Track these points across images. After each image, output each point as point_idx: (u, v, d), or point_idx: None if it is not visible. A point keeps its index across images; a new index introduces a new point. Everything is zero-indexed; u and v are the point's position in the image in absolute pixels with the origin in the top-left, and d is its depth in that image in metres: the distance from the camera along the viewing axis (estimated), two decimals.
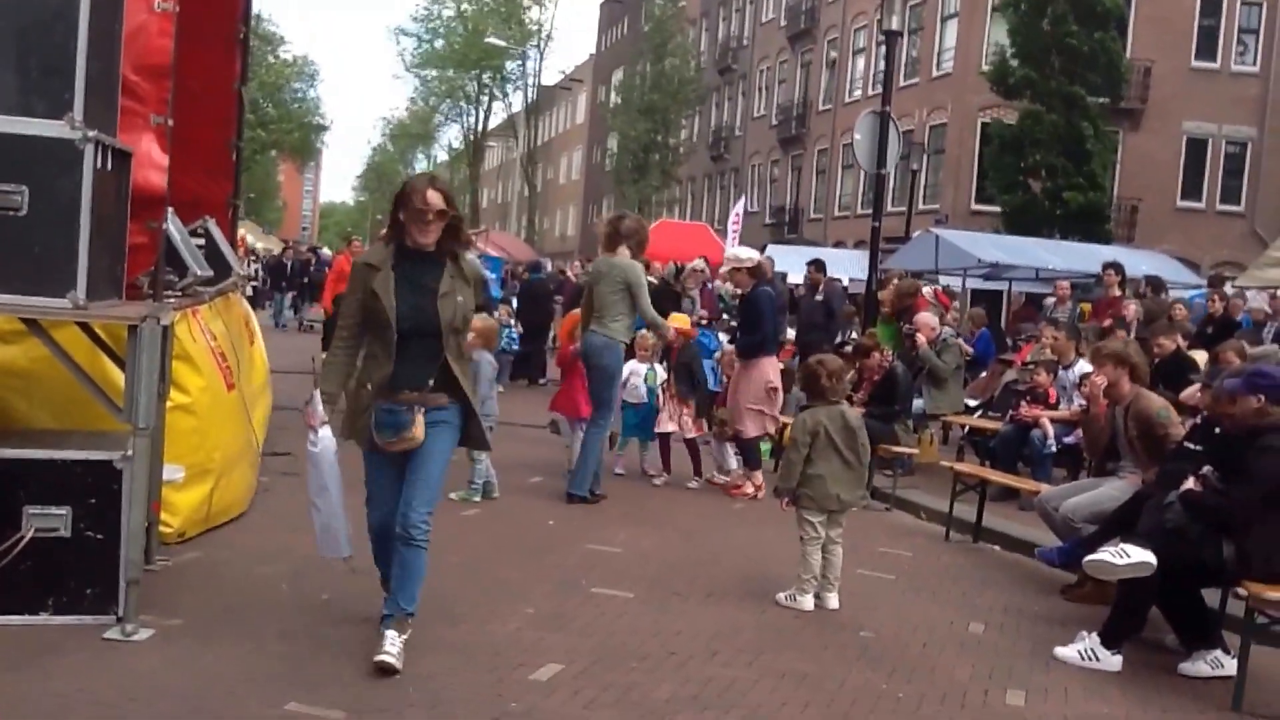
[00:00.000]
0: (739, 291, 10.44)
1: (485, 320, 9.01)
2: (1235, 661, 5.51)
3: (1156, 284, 14.56)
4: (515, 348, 17.02)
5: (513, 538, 7.48)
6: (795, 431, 6.66)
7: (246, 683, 4.50)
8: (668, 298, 14.10)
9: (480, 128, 67.98)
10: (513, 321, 16.81)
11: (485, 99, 65.88)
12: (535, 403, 14.64)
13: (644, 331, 9.70)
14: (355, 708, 4.35)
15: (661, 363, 10.50)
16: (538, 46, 59.69)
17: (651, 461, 10.27)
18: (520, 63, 60.45)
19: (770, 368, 9.87)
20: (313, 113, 59.78)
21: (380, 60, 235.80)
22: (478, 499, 8.45)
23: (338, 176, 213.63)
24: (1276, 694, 5.49)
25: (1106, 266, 14.23)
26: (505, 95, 65.52)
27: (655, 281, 14.31)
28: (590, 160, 67.65)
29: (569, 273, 18.66)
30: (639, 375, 9.96)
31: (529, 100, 61.92)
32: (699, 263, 15.82)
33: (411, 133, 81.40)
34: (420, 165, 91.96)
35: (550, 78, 69.48)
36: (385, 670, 4.65)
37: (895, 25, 13.26)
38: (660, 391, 10.12)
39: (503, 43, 55.62)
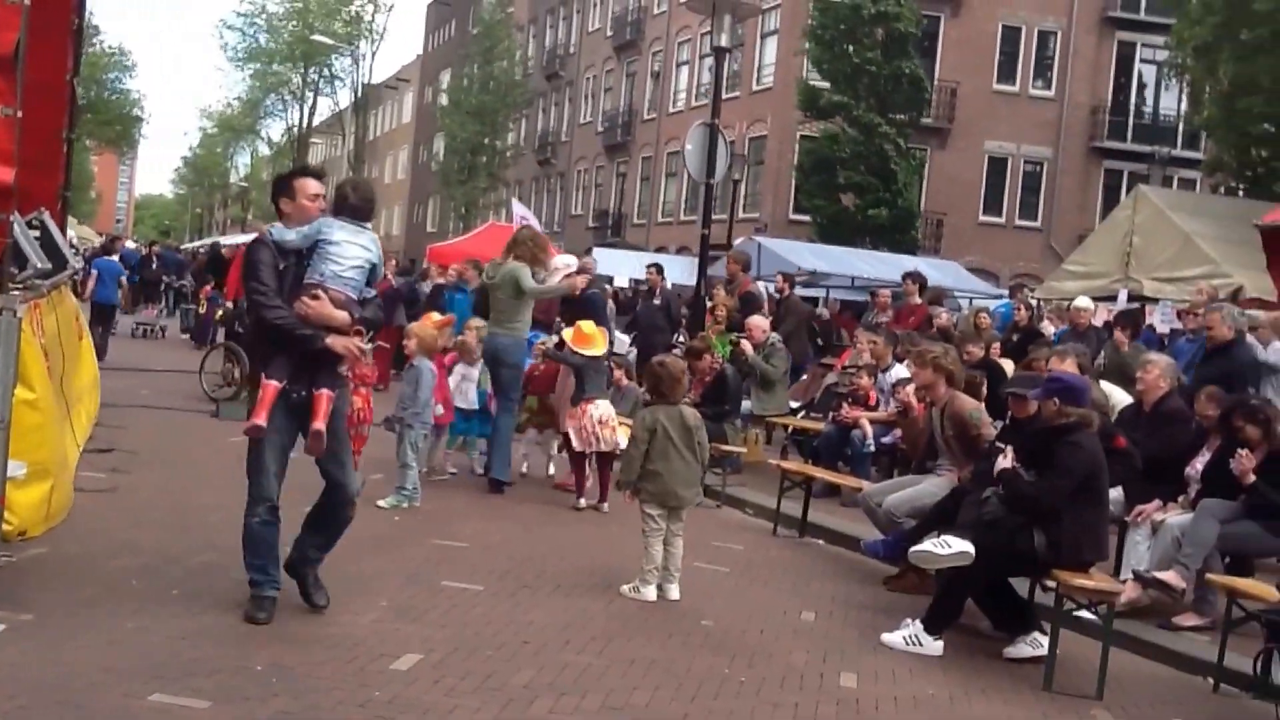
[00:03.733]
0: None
1: (424, 328, 9.18)
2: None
3: (935, 296, 15.26)
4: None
5: (360, 533, 7.48)
6: (635, 429, 6.97)
7: (108, 674, 4.51)
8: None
9: (305, 124, 66.68)
10: None
11: (311, 95, 64.73)
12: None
13: (464, 336, 9.88)
14: (220, 698, 4.41)
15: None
16: (370, 42, 59.00)
17: (483, 462, 10.24)
18: (349, 60, 59.62)
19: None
20: (131, 105, 57.50)
21: (201, 50, 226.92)
22: (406, 505, 8.49)
23: (155, 168, 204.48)
24: (1081, 674, 6.02)
25: (906, 276, 15.04)
26: (333, 92, 64.54)
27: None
28: (416, 160, 66.97)
29: (388, 274, 18.24)
30: (471, 380, 9.98)
31: (356, 98, 61.01)
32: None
33: (234, 126, 79.20)
34: (244, 159, 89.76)
35: (377, 76, 68.49)
36: None
37: (725, 42, 13.69)
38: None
39: (329, 40, 54.65)
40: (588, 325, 9.68)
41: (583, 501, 9.29)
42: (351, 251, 5.38)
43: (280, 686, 4.60)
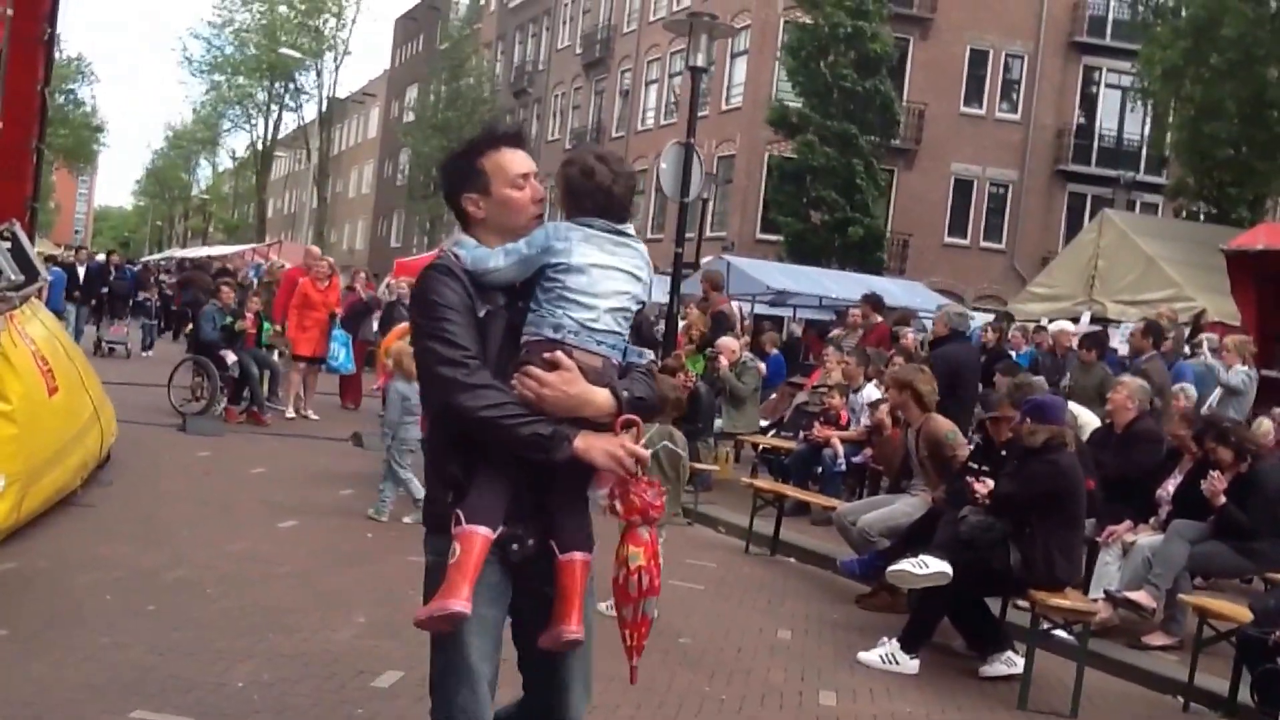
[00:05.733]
0: None
1: (404, 348, 9.19)
2: (1022, 660, 6.13)
3: (901, 317, 15.35)
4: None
5: (334, 549, 7.51)
6: None
7: (86, 690, 4.47)
8: None
9: (270, 137, 66.50)
10: None
11: (275, 108, 64.55)
12: (336, 417, 14.50)
13: None
14: (202, 714, 4.39)
15: None
16: (334, 58, 58.94)
17: None
18: (314, 74, 59.53)
19: None
20: (89, 114, 57.00)
21: (165, 60, 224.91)
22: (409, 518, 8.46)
23: (116, 179, 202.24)
24: (1054, 692, 6.08)
25: (863, 299, 15.15)
26: (298, 106, 64.36)
27: None
28: (381, 175, 66.83)
29: (358, 287, 18.10)
30: None
31: (322, 111, 60.90)
32: None
33: (196, 138, 78.83)
34: (205, 171, 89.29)
35: (343, 91, 68.36)
36: None
37: (701, 62, 13.76)
38: None
39: (297, 54, 54.52)
40: None
41: None
42: (609, 283, 2.94)
43: (261, 703, 4.57)
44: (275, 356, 14.42)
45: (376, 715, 4.61)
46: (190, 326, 15.21)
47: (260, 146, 67.49)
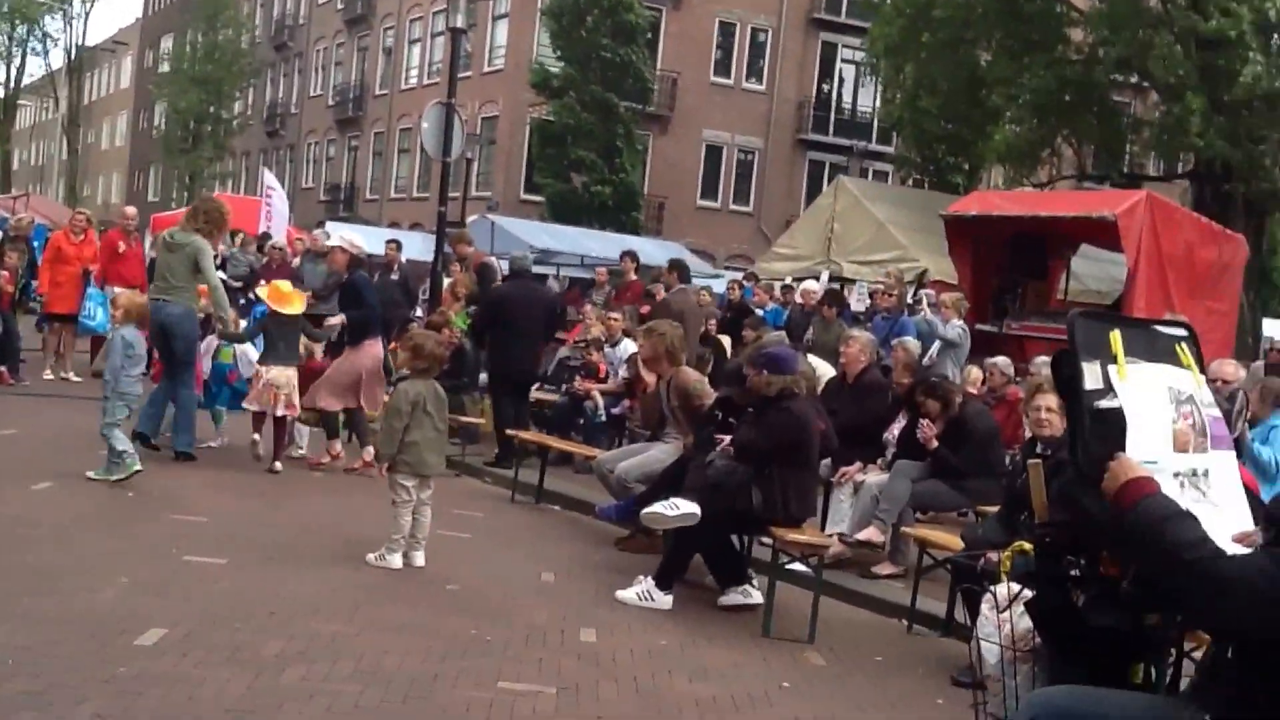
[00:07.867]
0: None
1: (133, 296, 8.91)
2: (758, 593, 6.74)
3: (656, 275, 15.91)
4: None
5: (95, 509, 7.36)
6: (398, 401, 7.01)
7: None
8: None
9: (13, 83, 61.79)
10: None
11: (19, 54, 59.99)
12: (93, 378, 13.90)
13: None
14: None
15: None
16: (83, 2, 55.42)
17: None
18: (61, 19, 55.79)
19: (370, 356, 9.92)
20: None
21: None
22: (124, 474, 8.08)
23: None
24: (795, 621, 6.58)
25: (624, 255, 15.74)
26: (44, 52, 60.09)
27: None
28: (137, 127, 63.53)
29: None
30: (207, 353, 9.86)
31: (70, 59, 57.14)
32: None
33: None
34: None
35: (94, 38, 64.32)
36: None
37: (460, 23, 13.87)
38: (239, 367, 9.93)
39: None
40: (285, 284, 9.67)
41: (261, 451, 9.34)
42: None
43: (16, 667, 4.49)
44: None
45: (141, 673, 4.59)
46: None
47: (2, 94, 62.64)
